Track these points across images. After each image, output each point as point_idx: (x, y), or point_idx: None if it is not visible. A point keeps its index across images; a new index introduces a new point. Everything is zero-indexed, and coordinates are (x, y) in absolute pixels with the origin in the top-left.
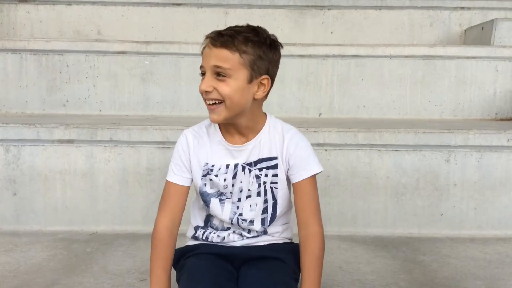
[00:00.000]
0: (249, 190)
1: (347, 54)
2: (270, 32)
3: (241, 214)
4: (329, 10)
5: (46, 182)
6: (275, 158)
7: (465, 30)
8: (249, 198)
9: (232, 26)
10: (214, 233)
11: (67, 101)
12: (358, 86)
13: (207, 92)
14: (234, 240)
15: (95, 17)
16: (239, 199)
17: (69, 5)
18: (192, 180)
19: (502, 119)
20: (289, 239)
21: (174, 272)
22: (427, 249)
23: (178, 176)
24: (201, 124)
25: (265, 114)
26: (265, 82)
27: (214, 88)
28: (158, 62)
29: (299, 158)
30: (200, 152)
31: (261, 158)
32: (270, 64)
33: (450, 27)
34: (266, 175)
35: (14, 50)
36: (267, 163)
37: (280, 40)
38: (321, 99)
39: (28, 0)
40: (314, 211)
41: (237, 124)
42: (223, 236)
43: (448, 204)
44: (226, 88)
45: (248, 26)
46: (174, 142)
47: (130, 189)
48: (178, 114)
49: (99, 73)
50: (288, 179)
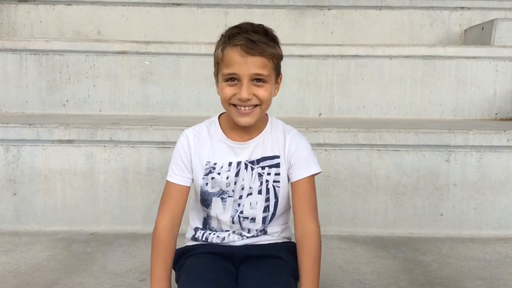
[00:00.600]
0: (250, 188)
1: (347, 54)
2: None
3: (242, 212)
4: (329, 10)
5: (46, 182)
6: (278, 157)
7: (465, 30)
8: (249, 196)
9: (245, 26)
10: (214, 233)
11: (67, 101)
12: (358, 86)
13: (248, 99)
14: (234, 240)
15: (95, 17)
16: (240, 197)
17: (69, 5)
18: (192, 180)
19: (502, 119)
20: (288, 239)
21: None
22: (427, 249)
23: (178, 176)
24: (201, 124)
25: (266, 113)
26: (279, 80)
27: (254, 94)
28: (158, 62)
29: (300, 157)
30: (201, 151)
31: (264, 156)
32: (281, 61)
33: (450, 27)
34: (268, 174)
35: (14, 50)
36: (270, 162)
37: (280, 40)
38: (321, 99)
39: (28, 0)
40: (312, 211)
41: None
42: (223, 236)
43: (448, 204)
44: (265, 93)
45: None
46: (174, 142)
47: (130, 189)
48: (178, 114)
49: (99, 73)
50: (288, 178)
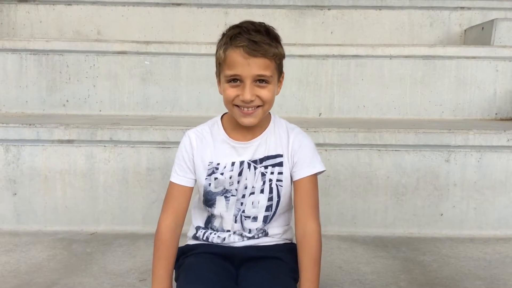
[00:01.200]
0: (253, 187)
1: (347, 54)
2: None
3: (244, 211)
4: (329, 10)
5: (46, 182)
6: (281, 155)
7: (465, 30)
8: (252, 195)
9: (246, 25)
10: (215, 233)
11: (67, 101)
12: (358, 86)
13: (251, 100)
14: (235, 241)
15: (95, 17)
16: (243, 196)
17: (69, 5)
18: (195, 180)
19: (502, 119)
20: (289, 240)
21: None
22: (427, 249)
23: (181, 177)
24: (203, 124)
25: (269, 112)
26: (281, 79)
27: (257, 95)
28: (158, 62)
29: (303, 156)
30: (204, 152)
31: (267, 155)
32: (283, 60)
33: (450, 27)
34: (272, 173)
35: (14, 50)
36: (273, 161)
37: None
38: (321, 99)
39: (28, 0)
40: (313, 210)
41: None
42: (224, 237)
43: (448, 204)
44: (268, 94)
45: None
46: (174, 142)
47: (130, 189)
48: (178, 114)
49: (99, 73)
50: (291, 177)
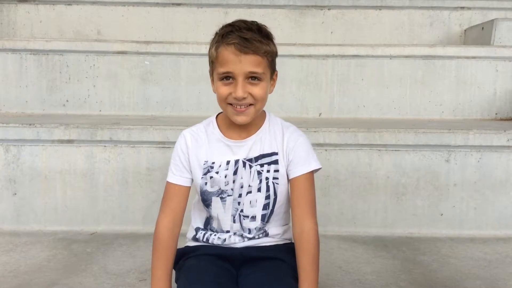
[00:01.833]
0: (249, 186)
1: (347, 54)
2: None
3: (242, 211)
4: (329, 10)
5: (46, 182)
6: (276, 153)
7: (465, 30)
8: (249, 194)
9: (238, 24)
10: (215, 235)
11: (67, 101)
12: (358, 86)
13: (244, 98)
14: (235, 242)
15: (95, 17)
16: (240, 195)
17: (69, 5)
18: (192, 180)
19: (502, 119)
20: (289, 240)
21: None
22: (427, 249)
23: (177, 176)
24: (199, 124)
25: (264, 111)
26: (274, 77)
27: (249, 93)
28: (158, 62)
29: (298, 153)
30: (199, 151)
31: (262, 154)
32: (276, 58)
33: (450, 27)
34: (268, 171)
35: (14, 50)
36: (268, 159)
37: (280, 40)
38: (321, 99)
39: (28, 0)
40: (310, 208)
41: None
42: (224, 238)
43: (448, 204)
44: (260, 91)
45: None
46: (174, 142)
47: (130, 189)
48: (178, 114)
49: (99, 73)
50: (287, 175)
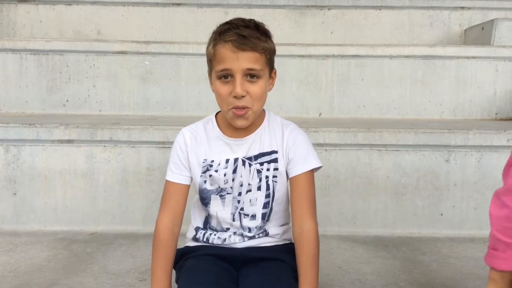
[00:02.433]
0: (249, 184)
1: (347, 54)
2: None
3: (242, 209)
4: (329, 10)
5: (46, 182)
6: (276, 152)
7: (465, 30)
8: (249, 193)
9: (235, 21)
10: (215, 234)
11: (67, 101)
12: (358, 86)
13: (242, 96)
14: (235, 242)
15: (95, 17)
16: (240, 194)
17: (69, 5)
18: (191, 178)
19: (502, 119)
20: (289, 240)
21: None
22: (427, 249)
23: (176, 175)
24: (198, 122)
25: (263, 109)
26: (273, 75)
27: (247, 91)
28: (158, 62)
29: (298, 152)
30: (198, 149)
31: (262, 152)
32: (274, 55)
33: (450, 27)
34: (268, 169)
35: (14, 50)
36: (268, 157)
37: (280, 40)
38: (321, 99)
39: (28, 0)
40: (309, 207)
41: None
42: (224, 238)
43: (448, 204)
44: (258, 89)
45: (251, 21)
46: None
47: (130, 189)
48: (178, 114)
49: (99, 73)
50: (287, 174)
